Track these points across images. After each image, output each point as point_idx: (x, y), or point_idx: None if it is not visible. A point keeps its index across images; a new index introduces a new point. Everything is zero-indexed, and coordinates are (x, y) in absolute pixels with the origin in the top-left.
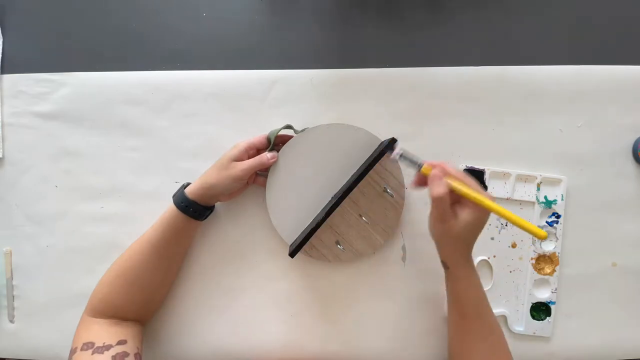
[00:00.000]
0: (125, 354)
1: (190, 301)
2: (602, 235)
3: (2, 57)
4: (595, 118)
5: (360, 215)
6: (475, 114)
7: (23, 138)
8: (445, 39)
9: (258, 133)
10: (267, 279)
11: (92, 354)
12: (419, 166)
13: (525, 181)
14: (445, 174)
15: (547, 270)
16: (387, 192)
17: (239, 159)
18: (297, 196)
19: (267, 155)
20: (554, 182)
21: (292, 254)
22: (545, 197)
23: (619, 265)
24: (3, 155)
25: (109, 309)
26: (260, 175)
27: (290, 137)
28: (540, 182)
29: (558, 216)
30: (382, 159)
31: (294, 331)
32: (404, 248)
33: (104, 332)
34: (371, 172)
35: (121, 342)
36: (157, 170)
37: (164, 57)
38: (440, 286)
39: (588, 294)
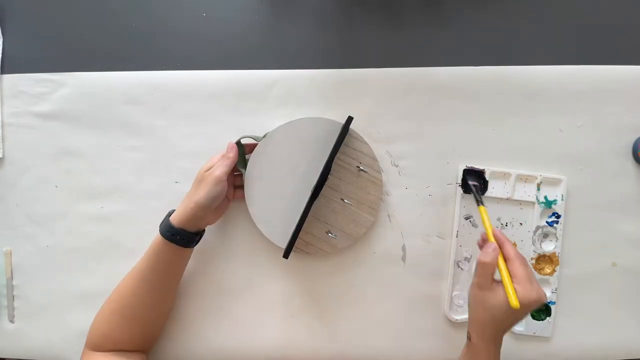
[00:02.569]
0: None
1: (190, 302)
2: (602, 235)
3: (2, 57)
4: (595, 118)
5: (343, 199)
6: (475, 114)
7: (23, 138)
8: (445, 39)
9: (258, 132)
10: (267, 279)
11: None
12: (478, 203)
13: (525, 181)
14: (504, 247)
15: (547, 270)
16: (361, 169)
17: (208, 169)
18: (278, 199)
19: (229, 145)
20: (554, 182)
21: (286, 255)
22: (545, 197)
23: (619, 265)
24: (3, 155)
25: (110, 344)
26: (239, 188)
27: (256, 144)
28: (540, 182)
29: (558, 216)
30: (347, 139)
31: (294, 331)
32: (404, 248)
33: None
34: (341, 155)
35: None
36: (157, 170)
37: (164, 57)
38: (440, 286)
39: (588, 294)
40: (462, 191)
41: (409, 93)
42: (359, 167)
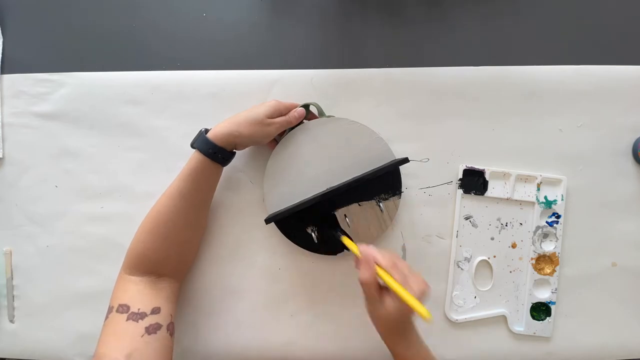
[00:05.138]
0: (158, 326)
1: (190, 302)
2: (602, 235)
3: (2, 57)
4: (595, 118)
5: (345, 216)
6: (475, 114)
7: (23, 138)
8: (445, 39)
9: None
10: (267, 279)
11: (127, 319)
12: (339, 235)
13: (525, 181)
14: (375, 260)
15: (547, 270)
16: (380, 207)
17: (271, 116)
18: (296, 173)
19: (297, 111)
20: (554, 182)
21: (267, 221)
22: (545, 197)
23: (619, 265)
24: (3, 155)
25: (145, 265)
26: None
27: (315, 117)
28: (540, 182)
29: (558, 216)
30: (389, 174)
31: (294, 331)
32: (403, 248)
33: (139, 296)
34: (374, 181)
35: (155, 311)
36: (157, 170)
37: (164, 57)
38: (440, 286)
39: (588, 294)
40: (462, 191)
41: (409, 93)
42: (379, 202)
